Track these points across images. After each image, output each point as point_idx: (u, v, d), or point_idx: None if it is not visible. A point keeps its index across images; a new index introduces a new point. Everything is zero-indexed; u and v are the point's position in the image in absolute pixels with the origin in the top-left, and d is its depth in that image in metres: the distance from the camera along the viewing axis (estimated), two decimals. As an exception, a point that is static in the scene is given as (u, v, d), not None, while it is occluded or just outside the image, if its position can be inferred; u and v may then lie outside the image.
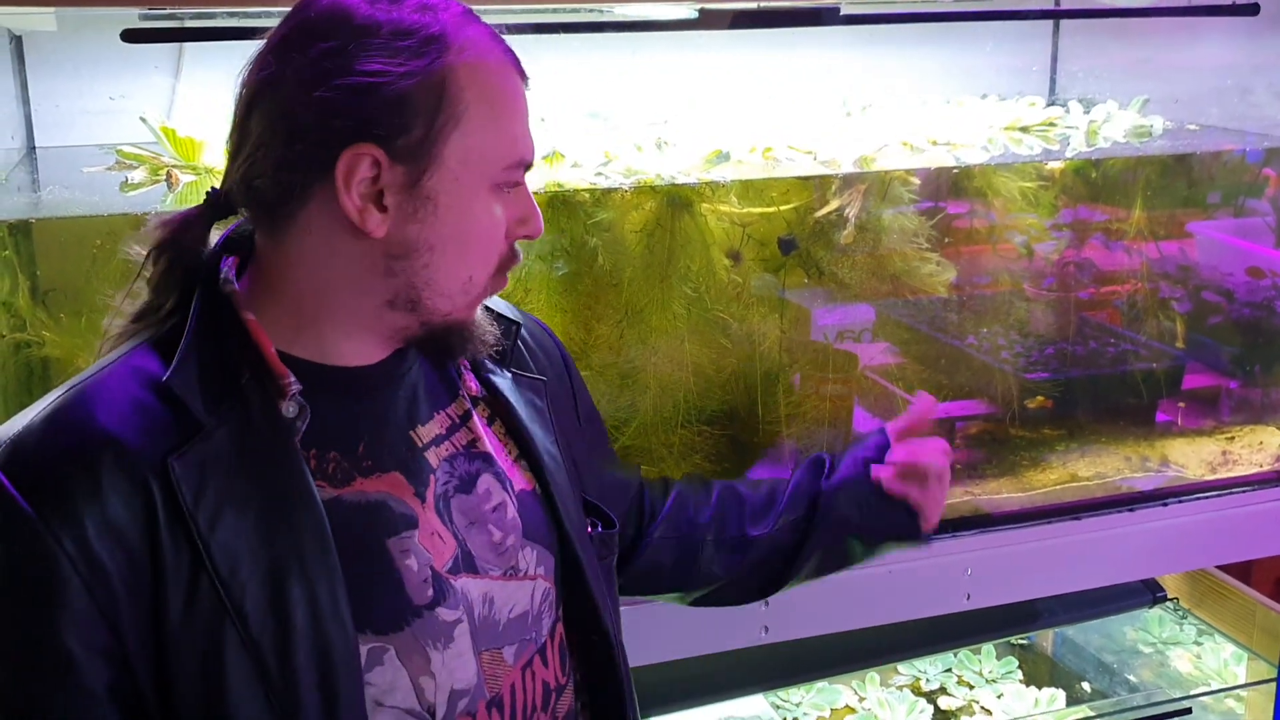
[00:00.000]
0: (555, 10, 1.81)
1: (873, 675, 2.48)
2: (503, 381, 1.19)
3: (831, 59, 2.35)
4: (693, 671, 1.40)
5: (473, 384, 1.18)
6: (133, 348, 1.03)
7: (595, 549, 1.23)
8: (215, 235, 1.10)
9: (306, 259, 1.03)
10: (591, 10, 1.90)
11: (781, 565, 1.43)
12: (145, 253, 1.07)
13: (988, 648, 2.58)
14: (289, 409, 1.00)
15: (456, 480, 1.10)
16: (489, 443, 1.15)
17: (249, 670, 0.95)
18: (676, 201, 1.83)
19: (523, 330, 1.24)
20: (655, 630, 1.69)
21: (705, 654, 1.82)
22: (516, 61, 1.07)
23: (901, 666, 2.55)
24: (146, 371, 1.00)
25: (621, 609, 1.29)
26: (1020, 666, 2.58)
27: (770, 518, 1.43)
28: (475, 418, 1.15)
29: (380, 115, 0.97)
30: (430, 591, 1.04)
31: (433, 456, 1.09)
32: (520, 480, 1.16)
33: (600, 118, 2.10)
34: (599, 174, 1.83)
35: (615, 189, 1.80)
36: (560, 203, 1.79)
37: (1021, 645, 2.68)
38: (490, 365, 1.19)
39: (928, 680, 2.54)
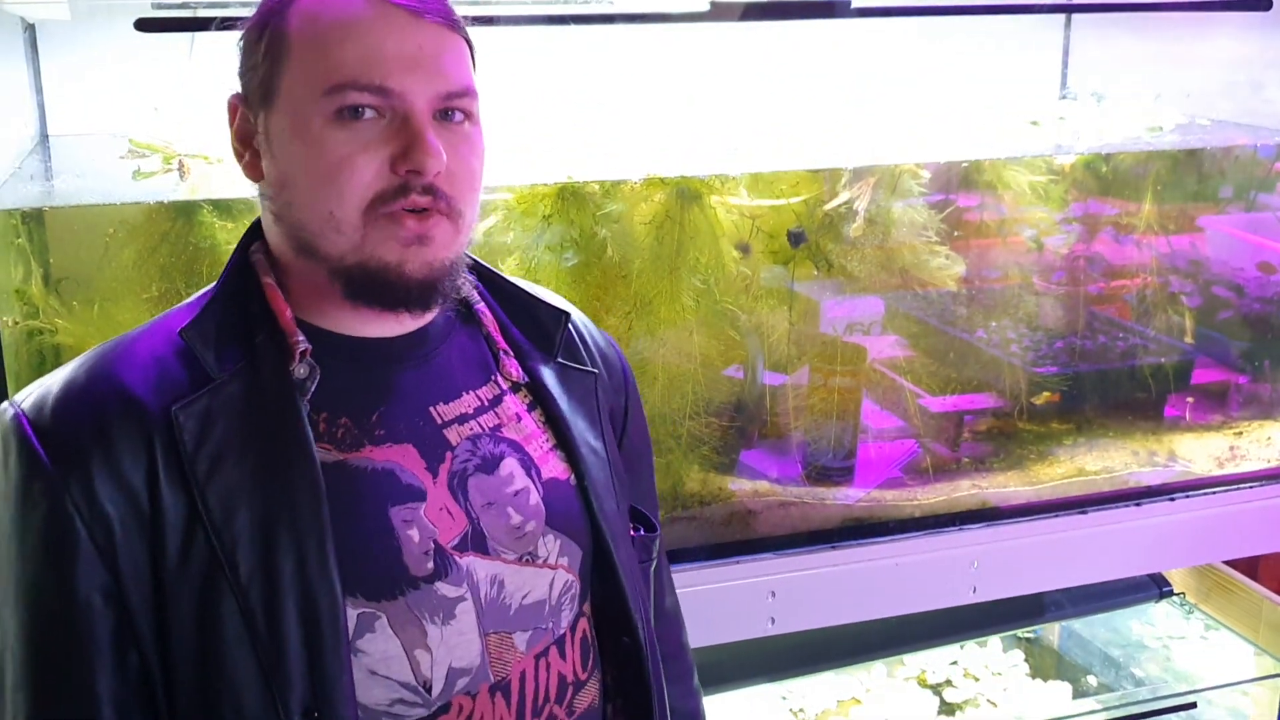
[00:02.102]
0: (566, 1, 1.82)
1: (879, 667, 2.49)
2: (547, 369, 1.18)
3: (842, 51, 2.35)
4: (700, 662, 1.39)
5: (514, 369, 1.16)
6: (176, 307, 1.08)
7: (636, 552, 1.22)
8: None
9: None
10: (603, 1, 1.90)
11: None
12: None
13: (994, 640, 2.58)
14: (300, 370, 1.03)
15: (478, 460, 1.09)
16: (525, 428, 1.14)
17: (239, 621, 0.97)
18: (686, 193, 1.83)
19: (576, 324, 1.23)
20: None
21: (713, 645, 1.83)
22: None
23: (908, 658, 2.55)
24: (173, 329, 1.03)
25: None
26: (1026, 659, 2.59)
27: None
28: (510, 402, 1.15)
29: (241, 66, 1.06)
30: (430, 564, 1.04)
31: (453, 434, 1.09)
32: (554, 469, 1.14)
33: (607, 107, 2.11)
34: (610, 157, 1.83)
35: (624, 180, 1.81)
36: (570, 194, 1.79)
37: (1028, 638, 2.68)
38: (535, 352, 1.18)
39: (934, 672, 2.54)
